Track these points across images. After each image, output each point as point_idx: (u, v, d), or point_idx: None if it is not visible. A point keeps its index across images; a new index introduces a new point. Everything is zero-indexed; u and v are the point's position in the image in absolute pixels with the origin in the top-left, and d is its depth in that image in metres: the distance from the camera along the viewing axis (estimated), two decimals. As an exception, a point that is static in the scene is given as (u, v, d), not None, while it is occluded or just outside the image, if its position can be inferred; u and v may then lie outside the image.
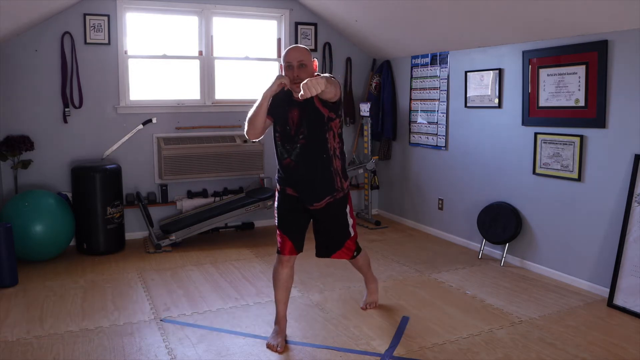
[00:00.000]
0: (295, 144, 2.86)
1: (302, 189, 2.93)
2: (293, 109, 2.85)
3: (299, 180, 2.92)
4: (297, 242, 2.97)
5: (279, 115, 2.88)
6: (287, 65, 2.79)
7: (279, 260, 2.99)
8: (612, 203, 3.60)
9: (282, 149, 2.90)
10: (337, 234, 3.07)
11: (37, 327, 3.16)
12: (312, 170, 2.89)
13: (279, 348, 2.90)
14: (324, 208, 2.95)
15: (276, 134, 2.91)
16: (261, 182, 5.44)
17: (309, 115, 2.82)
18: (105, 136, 4.92)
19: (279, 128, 2.89)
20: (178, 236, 4.79)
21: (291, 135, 2.86)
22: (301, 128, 2.83)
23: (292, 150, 2.87)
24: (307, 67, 2.79)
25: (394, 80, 5.76)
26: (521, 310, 3.42)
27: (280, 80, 2.75)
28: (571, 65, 3.77)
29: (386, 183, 6.03)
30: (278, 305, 3.04)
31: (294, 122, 2.84)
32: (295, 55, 2.78)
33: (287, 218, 2.98)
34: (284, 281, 3.00)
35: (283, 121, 2.87)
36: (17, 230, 4.01)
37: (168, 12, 5.10)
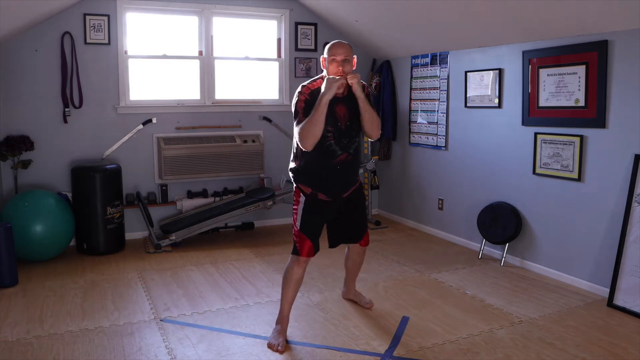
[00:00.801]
0: (352, 137, 2.95)
1: (341, 182, 3.01)
2: (337, 105, 2.88)
3: (344, 175, 2.98)
4: (316, 244, 3.03)
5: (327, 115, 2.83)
6: (332, 59, 2.87)
7: (296, 261, 3.00)
8: (612, 203, 3.60)
9: (336, 147, 2.91)
10: (363, 218, 3.25)
11: (37, 327, 3.16)
12: (359, 160, 3.12)
13: (279, 347, 2.90)
14: (352, 194, 3.10)
15: (327, 134, 2.87)
16: (261, 182, 5.44)
17: (353, 107, 2.92)
18: (105, 136, 4.92)
19: (330, 127, 2.86)
20: (178, 236, 4.79)
21: (344, 131, 2.91)
22: (349, 121, 2.92)
23: (351, 144, 2.95)
24: (349, 63, 2.89)
25: (394, 80, 5.76)
26: (521, 310, 3.42)
27: (334, 83, 2.78)
28: (571, 65, 3.78)
29: (386, 183, 6.03)
30: (284, 304, 3.05)
31: (343, 117, 2.91)
32: (340, 50, 2.87)
33: (313, 222, 3.01)
34: (296, 282, 3.03)
35: (332, 119, 2.87)
36: (17, 230, 4.01)
37: (168, 12, 5.10)
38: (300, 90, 2.90)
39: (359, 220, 3.23)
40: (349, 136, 2.93)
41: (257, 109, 5.47)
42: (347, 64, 2.86)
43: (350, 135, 2.93)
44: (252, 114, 5.45)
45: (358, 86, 2.84)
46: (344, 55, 2.86)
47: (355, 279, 3.55)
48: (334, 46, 2.90)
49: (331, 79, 2.80)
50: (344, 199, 3.07)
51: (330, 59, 2.88)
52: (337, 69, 2.85)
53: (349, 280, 3.53)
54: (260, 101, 5.51)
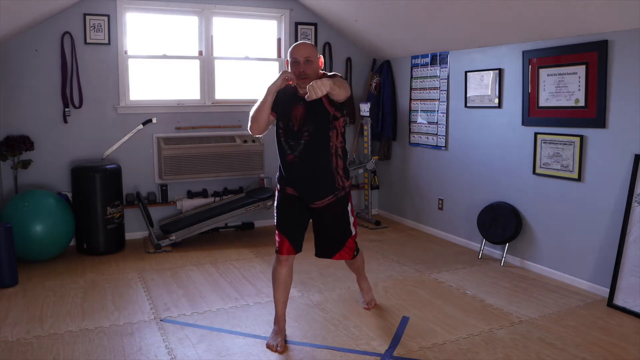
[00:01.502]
0: (299, 140, 2.85)
1: (303, 187, 2.93)
2: (298, 105, 2.85)
3: (301, 178, 2.91)
4: (295, 242, 2.97)
5: (283, 111, 2.88)
6: (294, 60, 2.80)
7: (277, 260, 2.99)
8: (612, 203, 3.60)
9: (285, 145, 2.89)
10: (338, 233, 3.05)
11: (37, 327, 3.16)
12: (315, 168, 2.89)
13: (278, 348, 2.89)
14: (326, 207, 2.95)
15: (279, 130, 2.90)
16: (261, 182, 5.44)
17: (314, 113, 2.81)
18: (105, 136, 4.92)
19: (282, 124, 2.89)
20: (178, 236, 4.79)
21: (294, 132, 2.86)
22: (305, 125, 2.83)
23: (296, 146, 2.86)
24: (313, 63, 2.80)
25: (394, 80, 5.76)
26: (521, 310, 3.42)
27: (285, 75, 2.77)
28: (571, 65, 3.77)
29: (386, 183, 6.03)
30: (277, 305, 3.04)
31: (297, 118, 2.84)
32: (301, 52, 2.79)
33: (286, 218, 2.98)
34: (282, 281, 3.00)
35: (287, 117, 2.87)
36: (17, 230, 4.01)
37: (168, 12, 5.10)
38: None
39: (332, 238, 3.05)
40: (296, 138, 2.85)
41: (257, 109, 5.46)
42: (309, 65, 2.78)
43: (297, 138, 2.84)
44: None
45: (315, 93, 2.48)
46: (305, 56, 2.77)
47: (363, 276, 3.48)
48: (296, 47, 2.82)
49: (285, 71, 2.79)
50: (318, 209, 2.96)
51: (292, 61, 2.80)
52: (299, 71, 2.78)
53: (357, 277, 3.49)
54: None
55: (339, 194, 2.97)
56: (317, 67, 2.83)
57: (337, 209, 3.00)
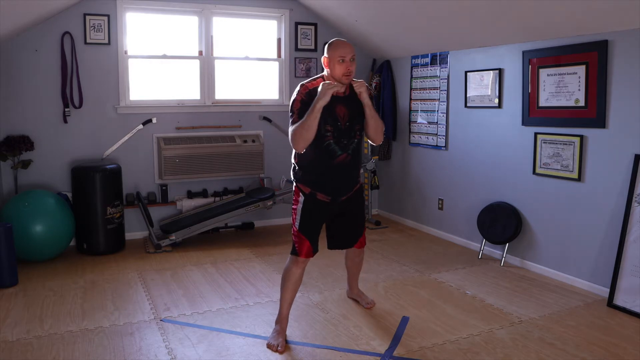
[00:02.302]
0: (352, 138, 2.92)
1: (342, 184, 2.99)
2: (337, 105, 2.86)
3: (344, 175, 2.97)
4: (315, 245, 3.02)
5: (324, 115, 2.81)
6: (340, 59, 2.81)
7: (294, 261, 3.00)
8: (612, 203, 3.60)
9: (335, 146, 2.89)
10: (360, 219, 3.23)
11: (37, 327, 3.16)
12: (358, 162, 3.04)
13: (279, 348, 2.89)
14: (353, 195, 3.08)
15: (327, 134, 2.86)
16: (261, 182, 5.44)
17: (356, 111, 2.90)
18: (105, 136, 4.92)
19: (329, 127, 2.85)
20: (178, 236, 4.79)
21: (344, 130, 2.88)
22: (354, 122, 2.90)
23: (350, 144, 2.92)
24: (355, 63, 2.88)
25: (394, 80, 5.76)
26: (521, 310, 3.42)
27: (328, 89, 2.73)
28: (571, 65, 3.77)
29: (386, 183, 6.03)
30: (283, 305, 3.05)
31: (342, 118, 2.88)
32: (347, 50, 2.83)
33: (312, 222, 3.01)
34: (295, 282, 3.02)
35: (332, 119, 2.85)
36: (17, 230, 4.01)
37: (168, 12, 5.10)
38: (298, 89, 2.89)
39: (357, 224, 3.22)
40: (348, 136, 2.90)
41: (257, 109, 5.47)
42: (354, 63, 2.85)
43: (350, 136, 2.91)
44: (252, 114, 5.45)
45: (366, 94, 2.84)
46: (352, 54, 2.83)
47: (357, 278, 3.55)
48: (340, 45, 2.82)
49: (326, 84, 2.75)
50: (344, 200, 3.05)
51: (338, 59, 2.80)
52: (347, 70, 2.81)
53: (350, 279, 3.54)
54: (260, 101, 5.51)
55: (359, 183, 3.15)
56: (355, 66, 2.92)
57: (359, 196, 3.18)
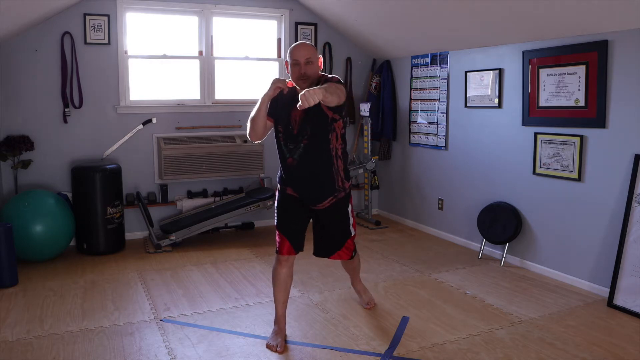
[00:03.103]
0: (298, 143, 2.85)
1: (304, 189, 2.93)
2: (295, 108, 2.81)
3: (301, 180, 2.92)
4: (295, 242, 2.97)
5: (281, 115, 2.87)
6: (294, 62, 2.79)
7: (278, 260, 3.00)
8: (612, 203, 3.60)
9: (285, 148, 2.90)
10: (338, 233, 3.07)
11: (37, 327, 3.16)
12: (315, 171, 2.89)
13: (278, 348, 2.89)
14: (326, 208, 2.97)
15: (279, 134, 2.91)
16: (261, 182, 5.44)
17: (312, 116, 2.80)
18: (105, 136, 4.92)
19: (281, 128, 2.89)
20: (178, 236, 4.79)
21: (294, 135, 2.86)
22: (305, 128, 2.83)
23: (295, 149, 2.86)
24: (314, 64, 2.80)
25: (394, 80, 5.76)
26: (521, 310, 3.42)
27: (277, 84, 2.76)
28: (571, 65, 3.77)
29: (386, 183, 6.03)
30: (277, 305, 3.04)
31: (296, 121, 2.84)
32: (302, 53, 2.78)
33: (286, 218, 2.99)
34: (283, 281, 3.00)
35: (286, 121, 2.87)
36: (17, 230, 4.01)
37: (168, 12, 5.10)
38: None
39: (334, 238, 3.08)
40: (295, 141, 2.85)
41: (257, 109, 5.46)
42: (310, 66, 2.77)
43: (297, 141, 2.85)
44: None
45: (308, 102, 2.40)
46: (306, 57, 2.76)
47: (358, 278, 3.51)
48: (296, 48, 2.80)
49: (276, 79, 2.79)
50: (319, 209, 2.97)
51: (293, 62, 2.78)
52: (300, 73, 2.78)
53: (352, 279, 3.52)
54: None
55: (339, 195, 2.97)
56: (317, 67, 2.83)
57: (338, 210, 3.01)
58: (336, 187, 2.95)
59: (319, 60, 2.85)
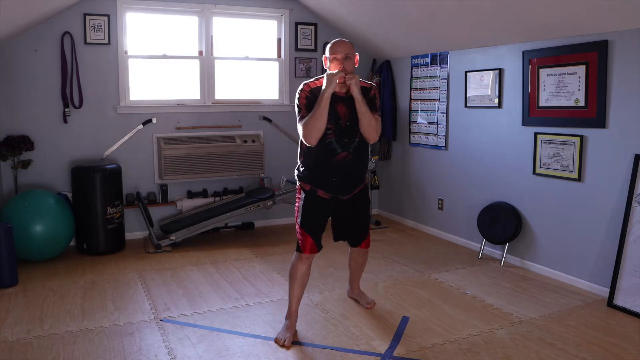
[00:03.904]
0: (353, 137, 2.93)
1: (343, 183, 3.00)
2: (339, 103, 2.90)
3: (345, 174, 2.98)
4: (318, 241, 3.04)
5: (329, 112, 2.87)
6: (333, 57, 2.89)
7: (299, 257, 3.04)
8: (612, 203, 3.60)
9: (336, 144, 2.92)
10: (366, 218, 3.25)
11: (37, 327, 3.16)
12: (360, 163, 3.05)
13: (286, 342, 2.92)
14: (356, 195, 3.08)
15: (328, 132, 2.90)
16: (261, 182, 5.44)
17: (354, 111, 2.89)
18: (105, 136, 4.92)
19: (330, 125, 2.89)
20: (178, 236, 4.78)
21: (344, 129, 2.91)
22: (354, 121, 2.91)
23: (350, 143, 2.94)
24: (351, 60, 2.91)
25: (394, 80, 5.76)
26: (521, 310, 3.42)
27: (337, 75, 2.82)
28: (571, 65, 3.77)
29: (386, 183, 6.03)
30: (292, 300, 3.08)
31: (343, 116, 2.91)
32: (341, 49, 2.90)
33: (313, 218, 3.04)
34: (301, 278, 3.05)
35: (333, 116, 2.89)
36: (17, 230, 4.01)
37: (168, 12, 5.10)
38: (301, 87, 2.95)
39: (361, 224, 3.24)
40: (348, 135, 2.92)
41: (257, 109, 5.47)
42: (348, 62, 2.88)
43: (350, 134, 2.93)
44: (252, 114, 5.45)
45: (355, 87, 2.83)
46: (345, 53, 2.88)
47: (359, 279, 3.56)
48: (335, 44, 2.92)
49: (330, 73, 2.83)
50: (347, 199, 3.06)
51: (332, 57, 2.90)
52: (339, 67, 2.87)
53: (352, 280, 3.55)
54: (260, 101, 5.51)
55: (365, 181, 3.17)
56: (354, 64, 2.93)
57: (365, 195, 3.21)
58: (364, 175, 3.14)
59: (355, 57, 2.96)
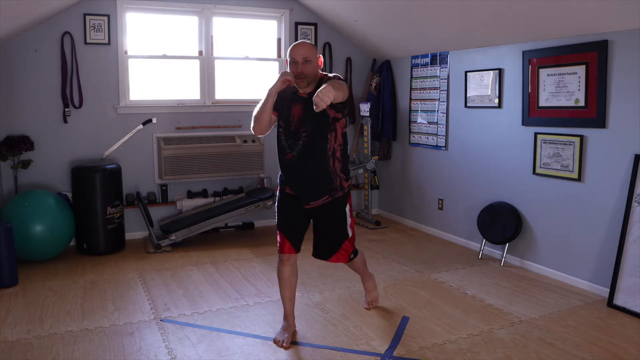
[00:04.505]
0: (297, 140, 2.86)
1: (299, 187, 2.94)
2: (296, 104, 2.86)
3: (298, 177, 2.92)
4: (295, 241, 2.98)
5: (283, 110, 2.90)
6: (292, 60, 2.80)
7: (280, 259, 3.01)
8: (612, 203, 3.60)
9: (284, 143, 2.91)
10: (335, 233, 3.04)
11: (37, 327, 3.16)
12: (312, 168, 2.88)
13: (284, 344, 2.91)
14: (321, 207, 2.94)
15: (280, 129, 2.93)
16: (261, 182, 5.44)
17: (313, 114, 2.73)
18: (105, 136, 4.92)
19: (282, 123, 2.91)
20: (178, 236, 4.78)
21: (292, 131, 2.88)
22: (303, 125, 2.84)
23: (295, 146, 2.88)
24: (312, 63, 2.80)
25: (394, 80, 5.76)
26: (521, 310, 3.42)
27: (284, 77, 2.78)
28: (571, 65, 3.77)
29: (386, 183, 6.03)
30: (284, 302, 3.07)
31: (295, 118, 2.86)
32: (300, 52, 2.78)
33: (286, 217, 3.00)
34: (287, 279, 3.02)
35: (286, 116, 2.89)
36: (17, 230, 4.01)
37: (168, 12, 5.10)
38: None
39: (330, 239, 3.05)
40: (294, 137, 2.87)
41: (257, 109, 5.46)
42: (308, 65, 2.78)
43: (295, 137, 2.86)
44: (252, 114, 5.43)
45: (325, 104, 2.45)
46: (304, 56, 2.76)
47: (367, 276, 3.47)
48: (294, 47, 2.82)
49: (284, 72, 2.80)
50: (313, 209, 2.95)
51: (291, 61, 2.80)
52: (297, 71, 2.78)
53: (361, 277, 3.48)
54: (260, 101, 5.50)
55: (336, 194, 2.94)
56: (316, 66, 2.83)
57: (334, 209, 2.98)
58: (333, 186, 2.92)
59: (318, 60, 2.85)
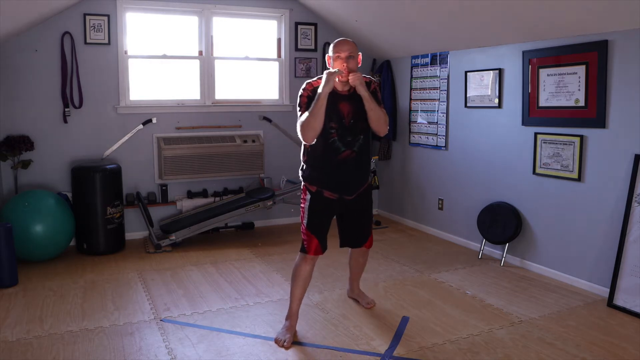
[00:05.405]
0: (357, 135, 2.94)
1: (348, 182, 3.00)
2: (342, 102, 2.90)
3: (348, 173, 2.97)
4: (323, 242, 3.05)
5: (330, 110, 2.87)
6: (337, 56, 2.89)
7: (303, 258, 3.04)
8: (612, 203, 3.60)
9: (340, 143, 2.92)
10: (369, 217, 3.24)
11: (37, 327, 3.17)
12: (364, 160, 3.04)
13: (285, 343, 2.92)
14: (360, 195, 3.07)
15: (331, 130, 2.90)
16: (261, 182, 5.44)
17: (362, 109, 2.89)
18: (105, 136, 4.92)
19: (334, 124, 2.90)
20: (178, 236, 4.78)
21: (347, 127, 2.91)
22: (357, 119, 2.92)
23: (355, 141, 2.94)
24: (354, 60, 2.92)
25: (394, 80, 5.76)
26: (521, 310, 3.42)
27: (335, 75, 2.83)
28: (571, 65, 3.77)
29: (386, 183, 6.03)
30: (293, 301, 3.08)
31: (346, 115, 2.91)
32: (345, 47, 2.90)
33: (319, 219, 3.04)
34: (304, 279, 3.05)
35: (336, 115, 2.90)
36: (17, 230, 4.01)
37: (168, 12, 5.10)
38: (304, 87, 2.95)
39: (365, 224, 3.23)
40: (352, 134, 2.93)
41: (257, 109, 5.47)
42: (351, 61, 2.89)
43: (354, 133, 2.93)
44: (252, 114, 5.45)
45: (360, 86, 2.83)
46: (348, 52, 2.88)
47: (359, 279, 3.56)
48: (339, 43, 2.93)
49: (329, 72, 2.83)
50: (352, 199, 3.05)
51: (335, 56, 2.91)
52: (342, 66, 2.88)
53: (352, 279, 3.55)
54: (260, 101, 5.51)
55: (369, 181, 3.16)
56: (357, 63, 2.94)
57: (369, 194, 3.20)
58: (370, 172, 3.15)
59: (359, 57, 2.96)
